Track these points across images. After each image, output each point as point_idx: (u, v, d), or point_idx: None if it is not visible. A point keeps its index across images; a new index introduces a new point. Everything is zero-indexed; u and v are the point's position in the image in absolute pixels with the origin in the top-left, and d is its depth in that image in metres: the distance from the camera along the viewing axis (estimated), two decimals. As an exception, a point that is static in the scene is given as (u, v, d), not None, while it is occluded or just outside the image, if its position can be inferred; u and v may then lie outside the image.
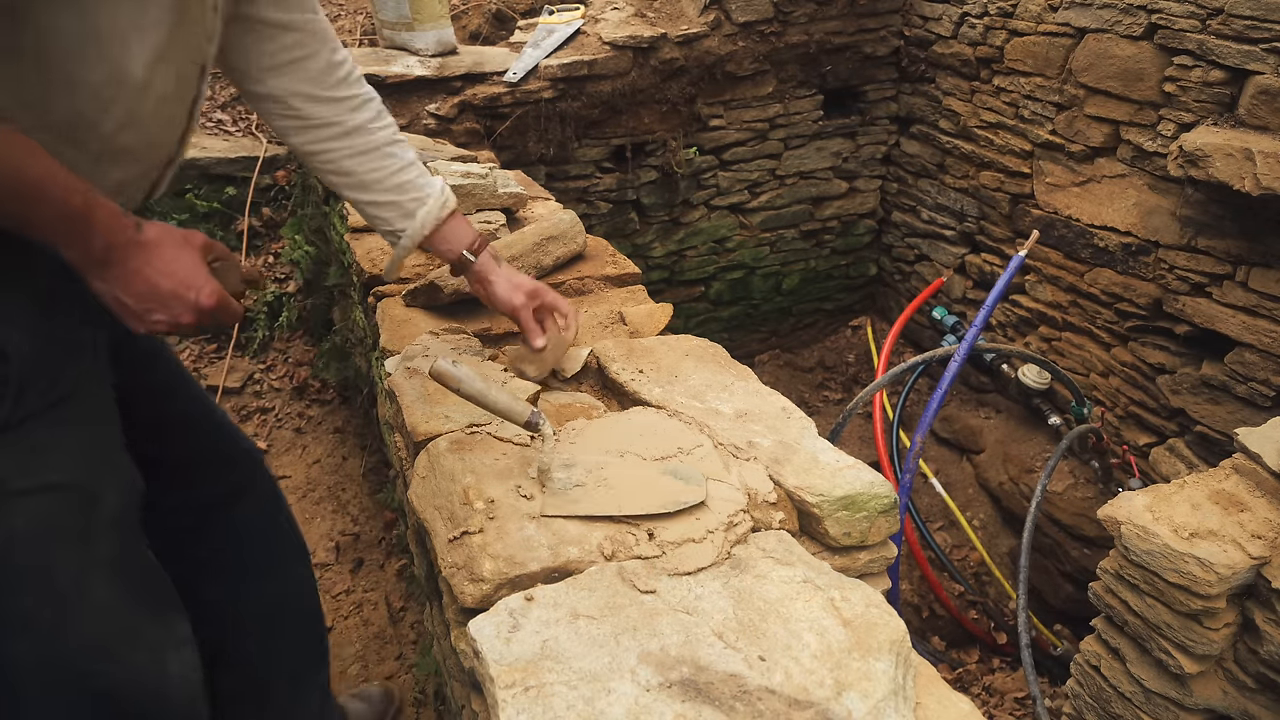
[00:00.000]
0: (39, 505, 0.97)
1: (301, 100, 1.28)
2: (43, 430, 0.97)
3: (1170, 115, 2.86)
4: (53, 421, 0.98)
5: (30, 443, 0.96)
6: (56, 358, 0.99)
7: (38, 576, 0.99)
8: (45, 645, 1.01)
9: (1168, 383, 3.02)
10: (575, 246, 1.88)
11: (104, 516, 1.03)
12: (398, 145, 1.37)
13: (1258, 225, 2.65)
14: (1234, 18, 2.57)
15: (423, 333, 1.56)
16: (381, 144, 1.34)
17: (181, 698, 1.12)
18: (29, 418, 0.96)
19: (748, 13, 3.48)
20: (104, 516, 1.03)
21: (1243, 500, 1.73)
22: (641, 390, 1.37)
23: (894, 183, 4.20)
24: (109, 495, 1.04)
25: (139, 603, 1.08)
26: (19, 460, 0.95)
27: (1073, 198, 3.28)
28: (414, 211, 1.37)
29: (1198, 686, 1.74)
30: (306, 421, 2.99)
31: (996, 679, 2.91)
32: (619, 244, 3.61)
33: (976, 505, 3.60)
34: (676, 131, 3.59)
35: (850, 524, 1.14)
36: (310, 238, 3.17)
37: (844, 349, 4.43)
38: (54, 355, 0.98)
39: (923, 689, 0.92)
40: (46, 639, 1.00)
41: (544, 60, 3.19)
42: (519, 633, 0.91)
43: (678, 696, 0.84)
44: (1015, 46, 3.36)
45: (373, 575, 2.40)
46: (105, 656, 1.04)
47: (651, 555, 1.03)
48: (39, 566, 0.98)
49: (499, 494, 1.11)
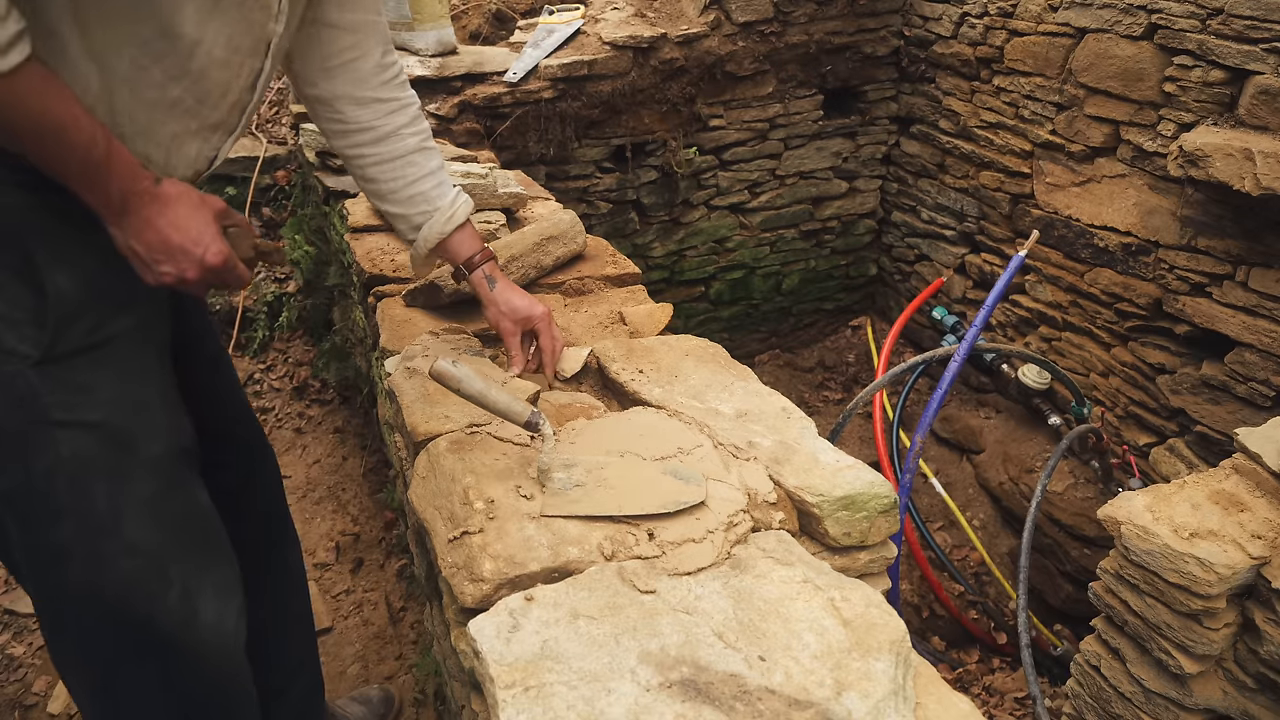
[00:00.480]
0: (78, 439, 1.03)
1: (346, 103, 1.33)
2: (84, 370, 1.03)
3: (1170, 115, 2.86)
4: (94, 363, 1.04)
5: (73, 379, 1.03)
6: (103, 305, 1.05)
7: (75, 508, 1.04)
8: (81, 575, 1.06)
9: (1168, 383, 3.02)
10: (575, 246, 1.88)
11: (142, 458, 1.08)
12: (423, 153, 1.40)
13: (1258, 225, 2.65)
14: (1234, 18, 2.57)
15: (423, 333, 1.56)
16: (408, 151, 1.38)
17: (211, 647, 1.15)
18: (72, 354, 1.02)
19: (748, 13, 3.48)
20: (142, 458, 1.08)
21: (1243, 500, 1.73)
22: (641, 390, 1.37)
23: (894, 183, 4.19)
24: (149, 440, 1.09)
25: (177, 545, 1.12)
26: (61, 394, 1.02)
27: (1073, 198, 3.28)
28: (419, 225, 1.41)
29: (1198, 686, 1.74)
30: (306, 421, 2.99)
31: (996, 679, 2.91)
32: (619, 244, 3.61)
33: (976, 505, 3.60)
34: (676, 131, 3.59)
35: (850, 524, 1.14)
36: (310, 238, 3.17)
37: (844, 349, 4.43)
38: (100, 302, 1.05)
39: (923, 689, 0.92)
40: (82, 569, 1.05)
41: (544, 60, 3.19)
42: (519, 633, 0.91)
43: (678, 696, 0.84)
44: (1015, 46, 3.36)
45: (373, 575, 2.40)
46: (137, 593, 1.08)
47: (651, 555, 1.03)
48: (77, 498, 1.04)
49: (499, 494, 1.11)
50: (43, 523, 1.05)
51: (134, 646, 1.11)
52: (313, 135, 2.59)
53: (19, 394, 1.00)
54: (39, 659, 2.15)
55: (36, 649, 2.18)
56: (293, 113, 3.18)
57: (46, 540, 1.05)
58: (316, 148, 2.58)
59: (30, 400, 1.00)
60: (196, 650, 1.13)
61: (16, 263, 0.99)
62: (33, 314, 1.00)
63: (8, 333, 0.99)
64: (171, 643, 1.11)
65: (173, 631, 1.11)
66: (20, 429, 1.01)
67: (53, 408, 1.01)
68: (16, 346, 0.99)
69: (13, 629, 2.22)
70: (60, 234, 1.02)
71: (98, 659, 1.12)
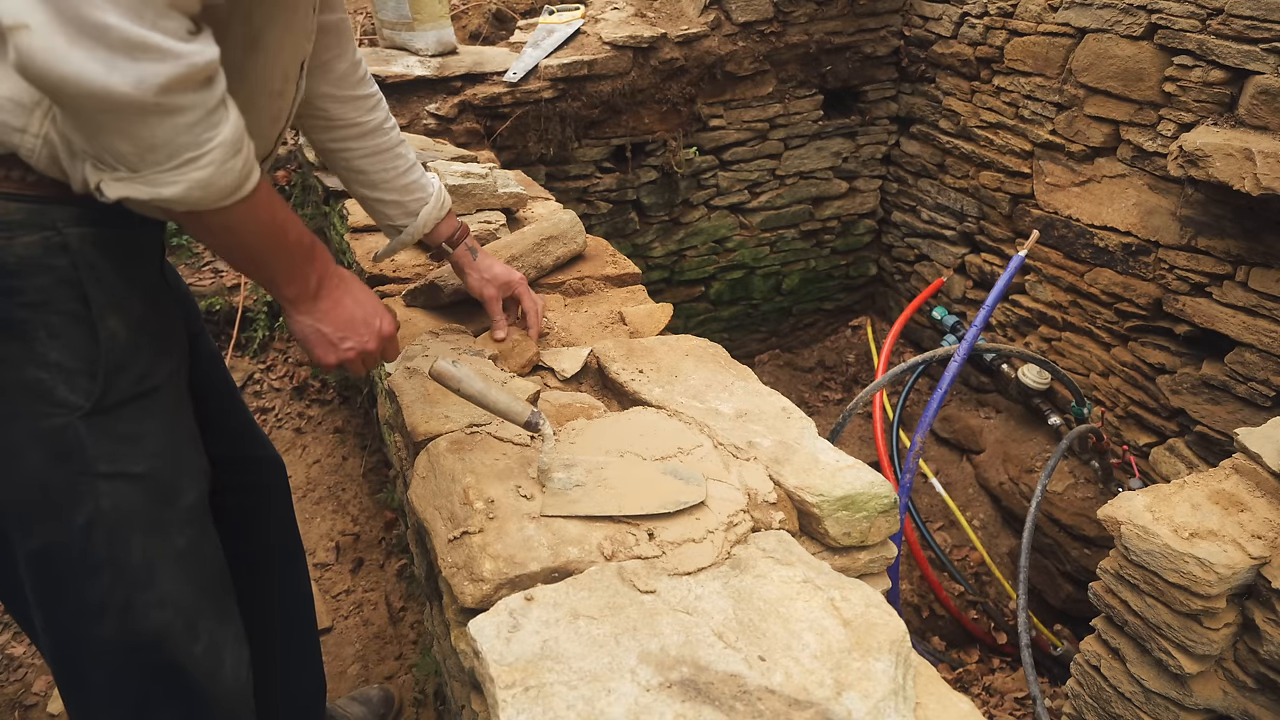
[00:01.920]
0: (120, 491, 1.00)
1: (327, 101, 1.34)
2: (131, 419, 1.01)
3: (1170, 115, 2.86)
4: (141, 411, 1.02)
5: (120, 430, 1.00)
6: (152, 351, 1.03)
7: (114, 561, 1.02)
8: (114, 628, 1.03)
9: (1168, 383, 3.02)
10: (575, 246, 1.88)
11: (180, 508, 1.07)
12: (403, 146, 1.45)
13: (1258, 225, 2.65)
14: (1234, 18, 2.57)
15: (423, 333, 1.56)
16: (393, 145, 1.42)
17: (230, 694, 1.14)
18: (120, 404, 0.99)
19: (748, 13, 3.48)
20: (180, 508, 1.07)
21: (1243, 500, 1.73)
22: (641, 390, 1.37)
23: (894, 183, 4.19)
24: (187, 488, 1.08)
25: (203, 596, 1.11)
26: (107, 445, 0.99)
27: (1073, 198, 3.28)
28: (417, 211, 1.45)
29: (1198, 686, 1.74)
30: (306, 421, 2.99)
31: (996, 679, 2.91)
32: (619, 244, 3.61)
33: (976, 505, 3.60)
34: (676, 131, 3.59)
35: (850, 524, 1.14)
36: (310, 238, 3.17)
37: (844, 349, 4.43)
38: (150, 349, 1.03)
39: (923, 689, 0.92)
40: (116, 623, 1.03)
41: (544, 60, 3.19)
42: (519, 633, 0.91)
43: (678, 696, 0.84)
44: (1015, 46, 3.36)
45: (373, 575, 2.40)
46: (169, 645, 1.07)
47: (651, 555, 1.03)
48: (115, 551, 1.02)
49: (499, 494, 1.11)
50: (77, 579, 1.01)
51: (158, 699, 1.09)
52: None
53: (67, 447, 0.97)
54: (39, 659, 2.15)
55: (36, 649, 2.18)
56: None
57: (80, 597, 1.02)
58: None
59: (77, 453, 0.97)
60: (220, 700, 1.13)
61: (75, 306, 0.95)
62: (87, 363, 0.96)
63: (61, 384, 0.95)
64: (197, 694, 1.10)
65: (200, 683, 1.10)
66: (64, 483, 0.98)
67: (99, 460, 0.98)
68: (68, 398, 0.96)
69: (13, 629, 2.22)
70: (111, 273, 0.98)
71: (119, 714, 1.09)
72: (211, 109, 0.84)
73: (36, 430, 0.95)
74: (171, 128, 0.81)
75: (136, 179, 0.84)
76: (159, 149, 0.82)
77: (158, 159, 0.83)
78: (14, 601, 1.15)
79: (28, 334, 0.93)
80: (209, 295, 3.20)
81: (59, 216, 0.93)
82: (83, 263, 0.95)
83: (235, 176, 0.88)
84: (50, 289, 0.93)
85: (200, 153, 0.84)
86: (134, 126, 0.80)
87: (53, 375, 0.94)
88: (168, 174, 0.84)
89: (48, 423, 0.95)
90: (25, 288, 0.92)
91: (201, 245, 3.40)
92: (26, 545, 1.01)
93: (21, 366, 0.94)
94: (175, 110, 0.81)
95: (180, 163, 0.84)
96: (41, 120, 0.88)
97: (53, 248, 0.93)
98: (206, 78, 0.83)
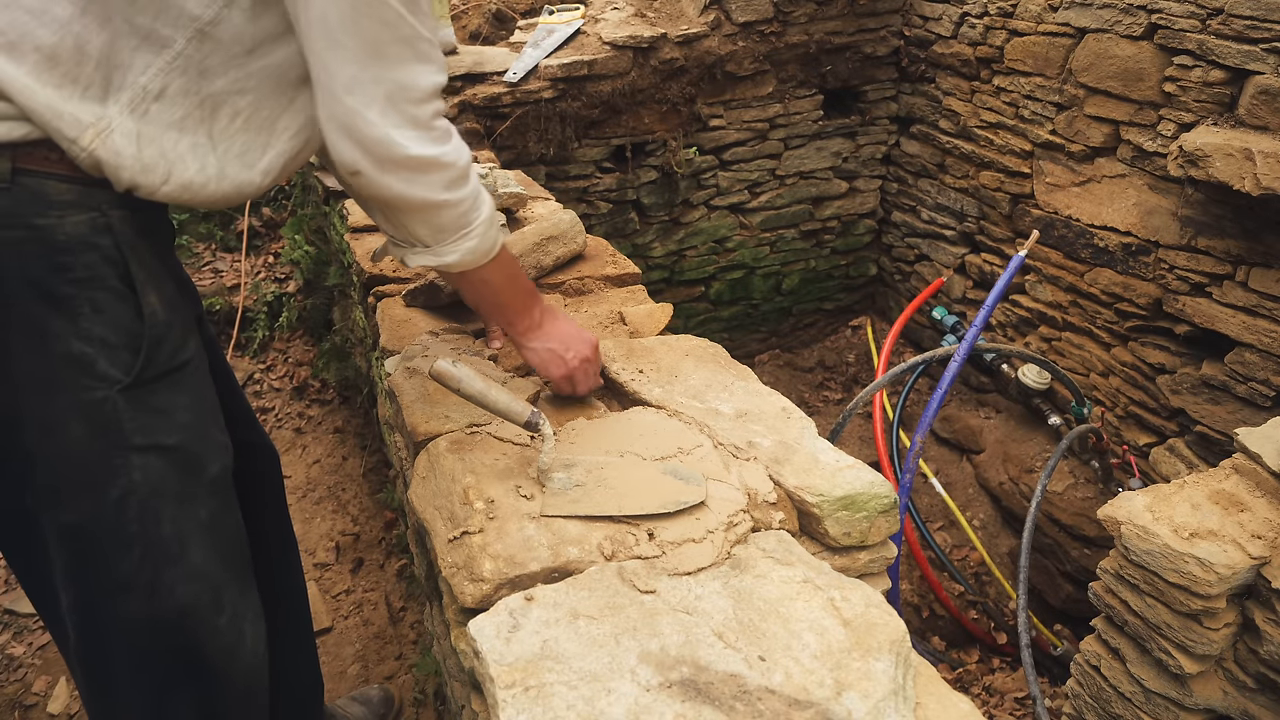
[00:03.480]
0: (152, 463, 1.05)
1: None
2: (165, 392, 1.06)
3: (1170, 115, 2.86)
4: (174, 385, 1.07)
5: (155, 403, 1.05)
6: (182, 330, 1.10)
7: (144, 533, 1.05)
8: (142, 605, 1.07)
9: (1168, 383, 3.02)
10: (575, 246, 1.88)
11: (205, 480, 1.11)
12: None
13: (1258, 225, 2.65)
14: (1234, 18, 2.57)
15: (423, 333, 1.56)
16: None
17: (249, 670, 1.17)
18: (156, 378, 1.05)
19: (748, 13, 3.48)
20: (205, 480, 1.11)
21: (1243, 500, 1.73)
22: (641, 390, 1.37)
23: (894, 183, 4.19)
24: (211, 461, 1.12)
25: (227, 569, 1.14)
26: (143, 418, 1.04)
27: (1073, 198, 3.28)
28: None
29: (1198, 686, 1.74)
30: (306, 421, 2.99)
31: (996, 679, 2.91)
32: (619, 244, 3.61)
33: (976, 505, 3.60)
34: (676, 131, 3.59)
35: (850, 524, 1.14)
36: (310, 238, 3.17)
37: (844, 349, 4.43)
38: (180, 327, 1.10)
39: (923, 689, 0.92)
40: (143, 598, 1.07)
41: (544, 60, 3.19)
42: (519, 633, 0.91)
43: (678, 696, 0.84)
44: (1015, 46, 3.36)
45: (373, 575, 2.40)
46: (194, 619, 1.10)
47: (651, 555, 1.03)
48: (146, 523, 1.05)
49: (499, 494, 1.11)
50: (109, 553, 1.05)
51: (178, 677, 1.12)
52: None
53: (105, 420, 1.01)
54: (39, 659, 2.15)
55: (37, 649, 2.18)
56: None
57: (110, 573, 1.05)
58: (316, 148, 2.58)
59: (114, 426, 1.02)
60: (238, 673, 1.15)
61: (118, 284, 1.01)
62: (129, 337, 1.02)
63: (102, 358, 1.00)
64: (218, 667, 1.13)
65: (221, 656, 1.12)
66: (102, 456, 1.02)
67: (134, 433, 1.03)
68: (109, 371, 1.00)
69: (13, 629, 2.22)
70: (148, 254, 1.05)
71: (143, 689, 1.12)
72: (477, 194, 1.15)
73: (77, 403, 1.00)
74: (452, 215, 1.13)
75: (428, 252, 1.17)
76: (445, 230, 1.14)
77: (443, 237, 1.15)
78: (35, 585, 1.16)
79: (74, 309, 0.98)
80: (209, 295, 3.20)
81: (103, 199, 1.00)
82: (125, 242, 1.01)
83: (491, 242, 1.19)
84: (96, 266, 0.99)
85: (471, 229, 1.15)
86: (430, 217, 1.12)
87: (96, 349, 0.99)
88: (449, 246, 1.16)
89: (89, 395, 1.00)
90: (73, 264, 0.98)
91: (213, 250, 3.40)
92: (60, 520, 1.04)
93: (67, 340, 0.98)
94: (455, 203, 1.12)
95: (458, 238, 1.15)
96: (92, 139, 0.97)
97: (98, 227, 0.99)
98: (468, 173, 1.13)
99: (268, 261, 3.40)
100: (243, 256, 3.37)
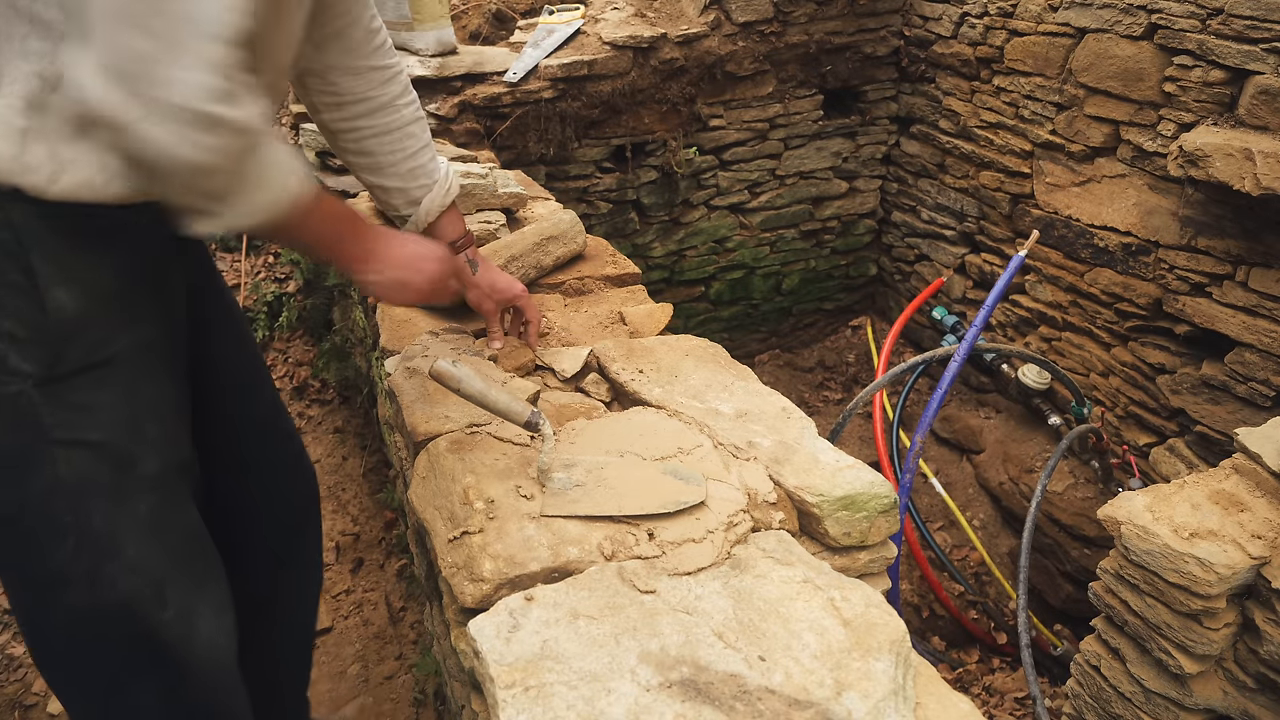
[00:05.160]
0: (77, 458, 1.03)
1: (338, 74, 1.32)
2: (85, 388, 1.03)
3: (1170, 115, 2.86)
4: (95, 381, 1.04)
5: (74, 398, 1.03)
6: (107, 322, 1.05)
7: (75, 527, 1.04)
8: (83, 596, 1.05)
9: (1168, 383, 3.02)
10: (575, 246, 1.88)
11: (140, 476, 1.08)
12: (418, 123, 1.41)
13: (1258, 225, 2.65)
14: (1234, 18, 2.57)
15: (423, 333, 1.56)
16: (405, 123, 1.39)
17: (207, 662, 1.15)
18: (73, 374, 1.02)
19: (748, 13, 3.48)
20: (140, 476, 1.08)
21: (1243, 500, 1.73)
22: (641, 390, 1.37)
23: (894, 183, 4.19)
24: (147, 459, 1.09)
25: (173, 565, 1.12)
26: (63, 413, 1.02)
27: (1073, 198, 3.28)
28: (419, 199, 1.42)
29: (1198, 686, 1.74)
30: (306, 421, 2.99)
31: (996, 679, 2.91)
32: (619, 244, 3.61)
33: (976, 505, 3.60)
34: (676, 131, 3.58)
35: (850, 524, 1.14)
36: (310, 238, 3.16)
37: (844, 349, 4.43)
38: (104, 320, 1.05)
39: (923, 689, 0.92)
40: (84, 591, 1.05)
41: (544, 60, 3.19)
42: (519, 633, 0.91)
43: (678, 696, 0.84)
44: (1015, 46, 3.36)
45: (373, 575, 2.40)
46: (136, 612, 1.08)
47: (651, 555, 1.03)
48: (76, 517, 1.04)
49: (499, 494, 1.11)
50: (41, 546, 1.04)
51: (133, 666, 1.11)
52: (313, 135, 2.59)
53: (21, 413, 1.00)
54: (39, 659, 2.15)
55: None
56: (292, 113, 3.18)
57: (45, 565, 1.04)
58: (316, 148, 2.58)
59: (32, 420, 1.00)
60: (195, 667, 1.13)
61: (19, 279, 0.98)
62: (37, 331, 0.99)
63: (12, 352, 0.98)
64: (170, 661, 1.11)
65: (172, 649, 1.11)
66: (20, 449, 1.01)
67: (54, 427, 1.01)
68: (20, 366, 0.99)
69: (13, 629, 2.22)
70: (65, 252, 1.01)
71: (97, 683, 1.11)
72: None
73: None
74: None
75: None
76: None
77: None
78: None
79: None
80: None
81: (3, 196, 0.97)
82: (28, 238, 0.97)
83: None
84: None
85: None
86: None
87: (5, 343, 0.98)
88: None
89: (3, 389, 0.99)
90: None
91: (213, 250, 3.39)
92: None
93: None
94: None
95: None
96: None
97: None
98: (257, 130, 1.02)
99: (267, 261, 3.40)
100: (243, 256, 3.37)
